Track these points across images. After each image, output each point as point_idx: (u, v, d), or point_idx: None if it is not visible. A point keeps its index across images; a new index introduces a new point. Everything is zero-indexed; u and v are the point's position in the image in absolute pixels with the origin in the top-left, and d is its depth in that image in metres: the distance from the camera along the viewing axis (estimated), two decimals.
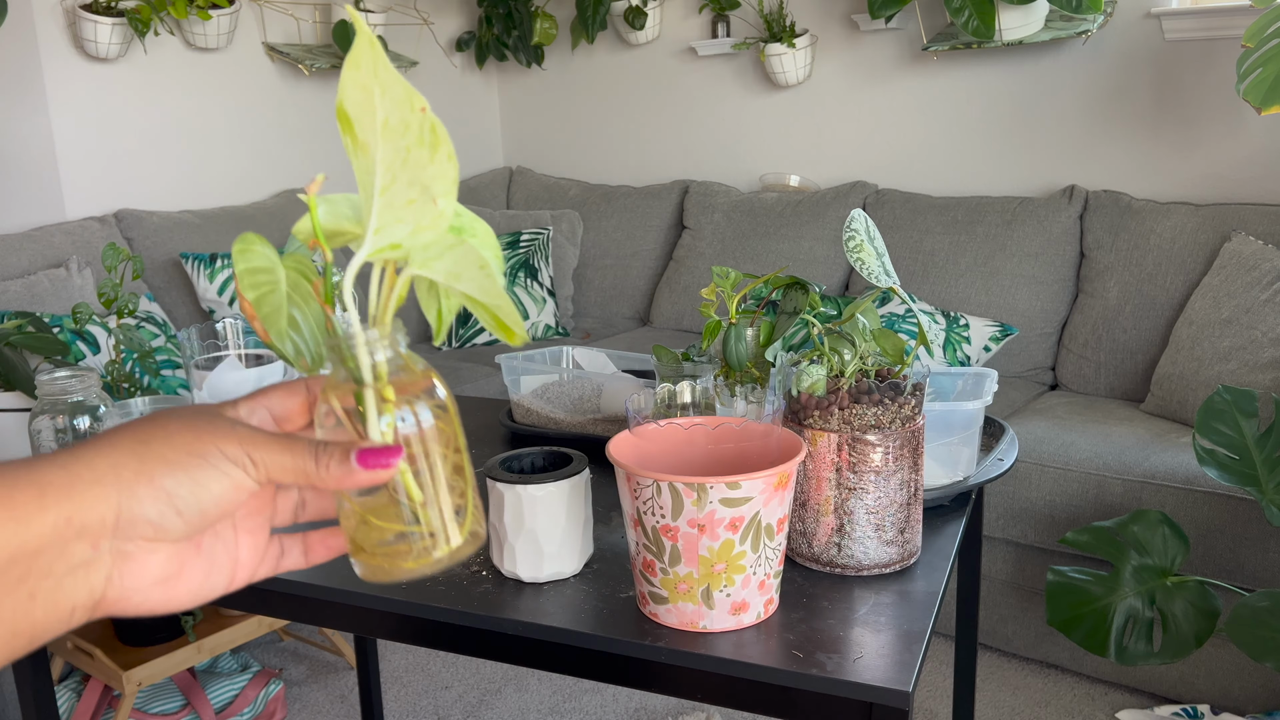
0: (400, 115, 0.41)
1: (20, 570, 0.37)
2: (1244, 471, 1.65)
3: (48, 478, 0.38)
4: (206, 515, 0.41)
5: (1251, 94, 1.91)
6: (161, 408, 0.45)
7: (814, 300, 0.98)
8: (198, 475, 0.41)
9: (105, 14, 2.61)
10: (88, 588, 0.39)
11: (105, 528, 0.39)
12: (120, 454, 0.40)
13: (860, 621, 0.84)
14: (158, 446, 0.40)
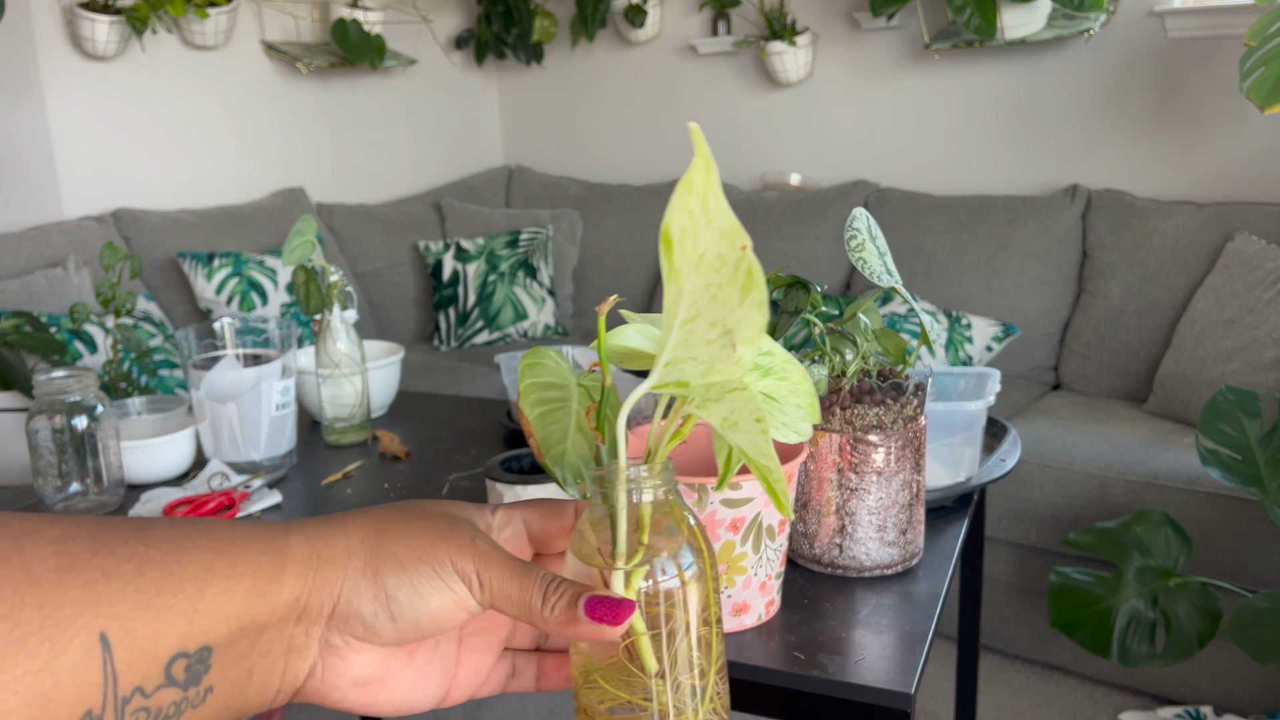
0: (719, 250, 0.37)
1: (247, 644, 0.35)
2: (1247, 472, 1.64)
3: (292, 550, 0.37)
4: (419, 627, 0.38)
5: (1254, 92, 1.91)
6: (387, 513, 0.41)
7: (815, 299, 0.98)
8: (420, 584, 0.38)
9: (103, 12, 2.60)
10: (294, 673, 0.38)
11: (322, 616, 0.37)
12: (357, 541, 0.38)
13: (862, 623, 0.83)
14: (392, 544, 0.38)
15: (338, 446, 1.35)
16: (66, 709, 0.30)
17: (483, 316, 3.17)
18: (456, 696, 0.43)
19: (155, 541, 0.33)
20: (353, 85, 3.38)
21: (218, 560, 0.34)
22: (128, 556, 0.32)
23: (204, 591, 0.34)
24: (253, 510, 1.13)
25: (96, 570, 0.31)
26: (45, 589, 0.30)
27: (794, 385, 0.45)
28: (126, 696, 0.32)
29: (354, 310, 1.34)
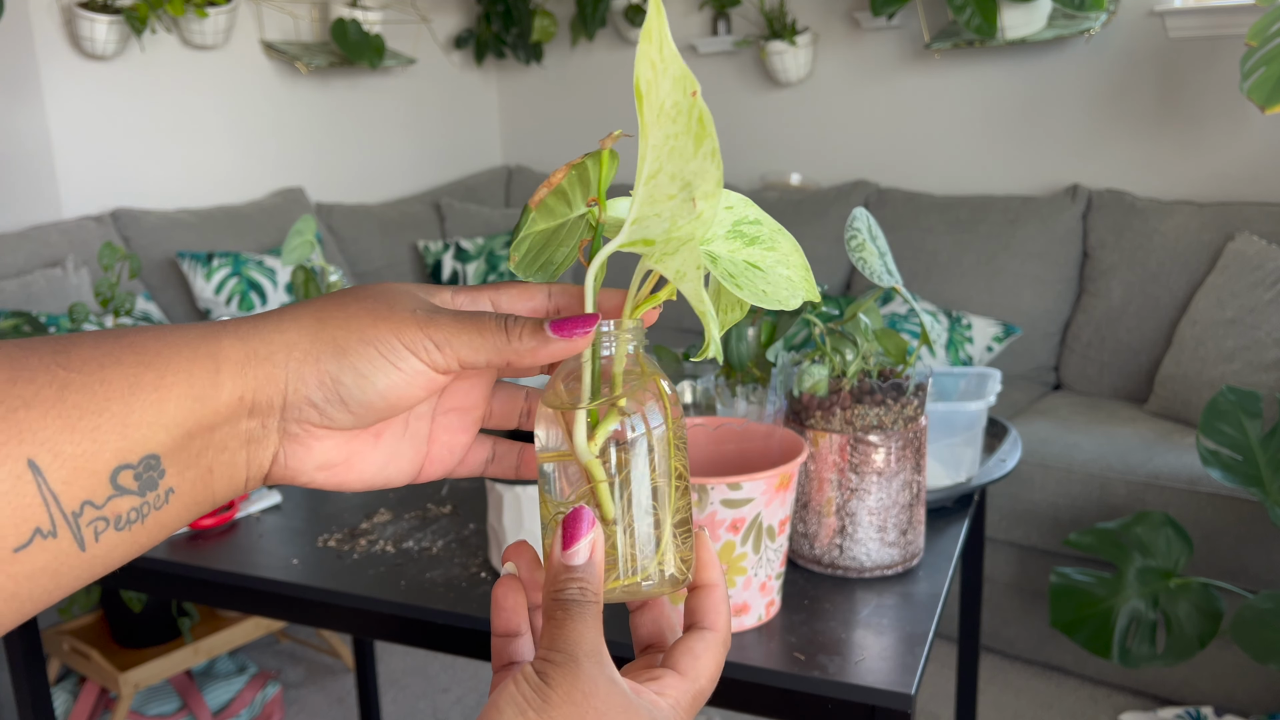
0: (675, 99, 0.37)
1: (199, 445, 0.36)
2: (1248, 472, 1.63)
3: (225, 353, 0.37)
4: (373, 408, 0.39)
5: (1255, 92, 1.90)
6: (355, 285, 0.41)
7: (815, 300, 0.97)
8: (362, 365, 0.38)
9: (102, 11, 2.60)
10: (258, 463, 0.39)
11: (273, 408, 0.38)
12: (296, 332, 0.38)
13: (862, 624, 0.83)
14: (332, 329, 0.38)
15: None
16: (11, 529, 0.31)
17: None
18: (430, 473, 0.44)
19: (76, 364, 0.33)
20: (352, 85, 3.38)
21: (144, 373, 0.34)
22: (48, 382, 0.32)
23: (131, 406, 0.34)
24: (252, 510, 1.13)
25: (16, 400, 0.32)
26: None
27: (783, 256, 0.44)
28: (76, 510, 0.32)
29: None
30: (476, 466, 0.46)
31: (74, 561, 0.33)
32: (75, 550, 0.33)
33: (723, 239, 0.43)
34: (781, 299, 0.43)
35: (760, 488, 0.77)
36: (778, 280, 0.43)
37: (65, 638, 1.98)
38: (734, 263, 0.43)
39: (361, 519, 1.10)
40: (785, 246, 0.44)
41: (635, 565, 0.42)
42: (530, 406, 0.46)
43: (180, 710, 2.02)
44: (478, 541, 1.02)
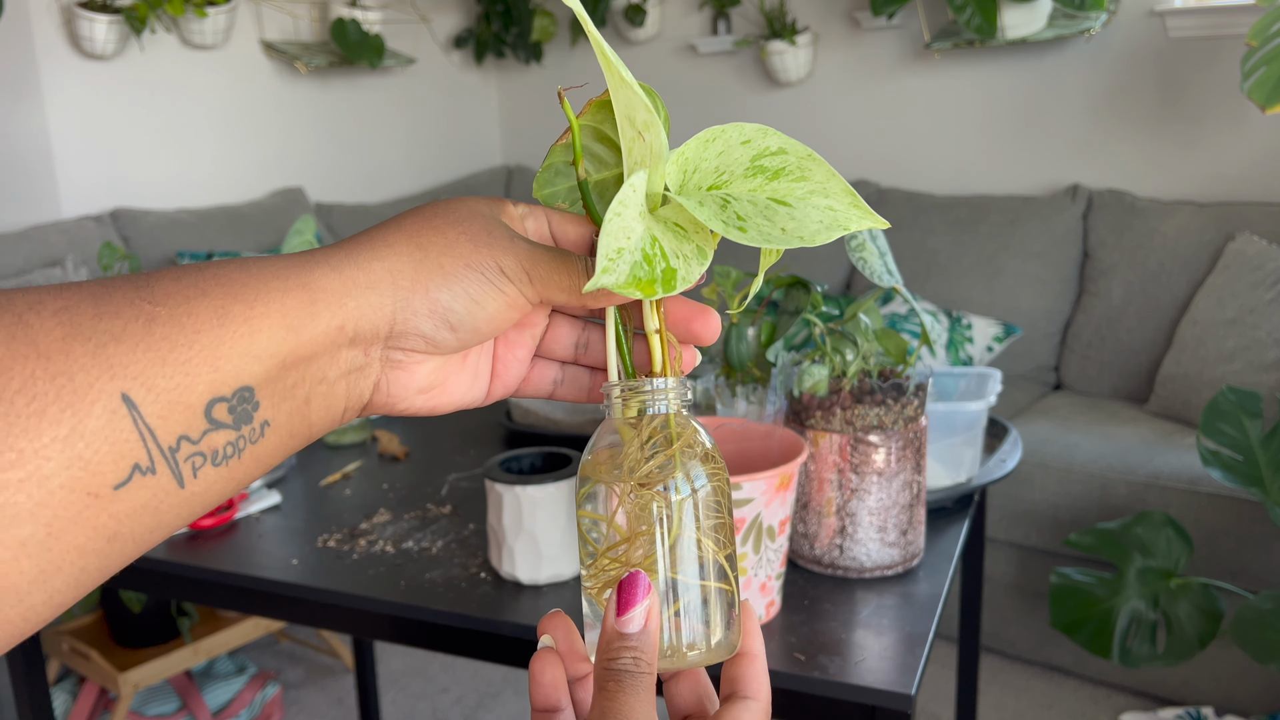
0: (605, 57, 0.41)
1: (296, 376, 0.36)
2: (1249, 473, 1.63)
3: (320, 282, 0.36)
4: (479, 332, 0.40)
5: (1256, 92, 1.90)
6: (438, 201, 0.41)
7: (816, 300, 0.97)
8: (475, 292, 0.38)
9: (102, 11, 2.59)
10: (358, 392, 0.38)
11: (378, 336, 0.38)
12: (397, 260, 0.38)
13: (862, 624, 0.83)
14: (435, 255, 0.38)
15: (336, 447, 1.35)
16: (110, 466, 0.30)
17: None
18: (497, 392, 0.45)
19: (161, 298, 0.33)
20: (352, 85, 3.38)
21: (232, 305, 0.34)
22: (133, 317, 0.32)
23: (221, 338, 0.33)
24: (251, 511, 1.13)
25: (104, 335, 0.31)
26: (54, 360, 0.30)
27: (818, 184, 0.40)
28: (173, 445, 0.32)
29: None
30: (544, 386, 0.46)
31: (174, 499, 0.32)
32: (175, 487, 0.32)
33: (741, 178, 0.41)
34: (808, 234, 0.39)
35: (760, 488, 0.77)
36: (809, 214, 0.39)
37: (65, 638, 1.98)
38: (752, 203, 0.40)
39: (361, 519, 1.09)
40: (819, 174, 0.40)
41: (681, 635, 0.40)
42: (587, 338, 0.46)
43: (180, 710, 2.02)
44: (477, 542, 1.02)
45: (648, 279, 0.38)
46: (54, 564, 0.30)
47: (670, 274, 0.38)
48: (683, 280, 0.38)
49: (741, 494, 0.76)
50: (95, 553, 0.31)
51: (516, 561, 0.90)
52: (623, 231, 0.38)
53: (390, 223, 0.40)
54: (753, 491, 0.76)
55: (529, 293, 0.40)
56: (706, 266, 0.40)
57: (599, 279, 0.36)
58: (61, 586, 0.30)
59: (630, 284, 0.37)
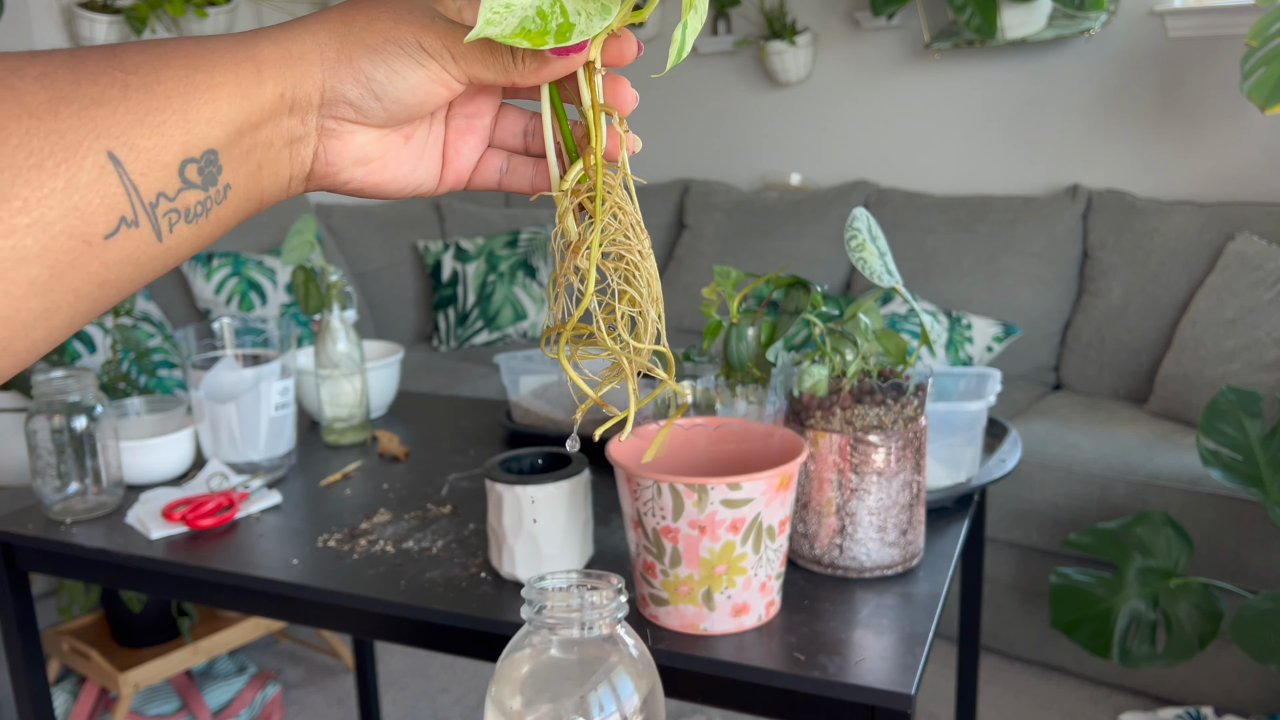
0: None
1: (247, 142, 0.39)
2: (1248, 473, 1.63)
3: (264, 54, 0.39)
4: (404, 104, 0.42)
5: (1256, 93, 1.90)
6: None
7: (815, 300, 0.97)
8: (394, 63, 0.41)
9: (102, 12, 2.60)
10: (300, 160, 0.42)
11: (311, 104, 0.41)
12: (324, 34, 0.41)
13: (862, 624, 0.83)
14: (358, 30, 0.41)
15: (337, 447, 1.35)
16: (101, 216, 0.34)
17: (482, 316, 3.17)
18: (450, 180, 0.48)
19: (131, 66, 0.36)
20: None
21: (194, 74, 0.37)
22: (109, 84, 0.35)
23: (190, 103, 0.36)
24: (252, 510, 1.13)
25: (85, 99, 0.34)
26: (44, 120, 0.33)
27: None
28: (152, 201, 0.35)
29: (353, 310, 1.34)
30: (490, 176, 0.49)
31: (153, 251, 0.36)
32: (154, 240, 0.36)
33: None
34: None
35: (760, 488, 0.77)
36: None
37: (65, 638, 1.98)
38: None
39: (361, 519, 1.10)
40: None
41: None
42: (534, 126, 0.49)
43: (180, 710, 2.03)
44: (477, 542, 1.02)
45: (538, 31, 0.40)
46: (55, 304, 0.33)
47: (566, 27, 0.40)
48: (579, 33, 0.40)
49: (741, 494, 0.76)
50: (88, 296, 0.34)
51: (517, 561, 0.90)
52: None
53: (328, 9, 0.43)
54: (753, 491, 0.77)
55: (453, 70, 0.42)
56: (609, 22, 0.42)
57: (480, 29, 0.38)
58: (60, 324, 0.34)
59: (517, 34, 0.39)
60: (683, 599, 0.80)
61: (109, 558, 1.06)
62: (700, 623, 0.80)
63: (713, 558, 0.78)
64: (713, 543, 0.77)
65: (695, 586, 0.79)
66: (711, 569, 0.78)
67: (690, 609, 0.80)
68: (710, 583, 0.79)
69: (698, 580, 0.79)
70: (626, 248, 0.47)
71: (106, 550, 1.06)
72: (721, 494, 0.76)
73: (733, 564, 0.78)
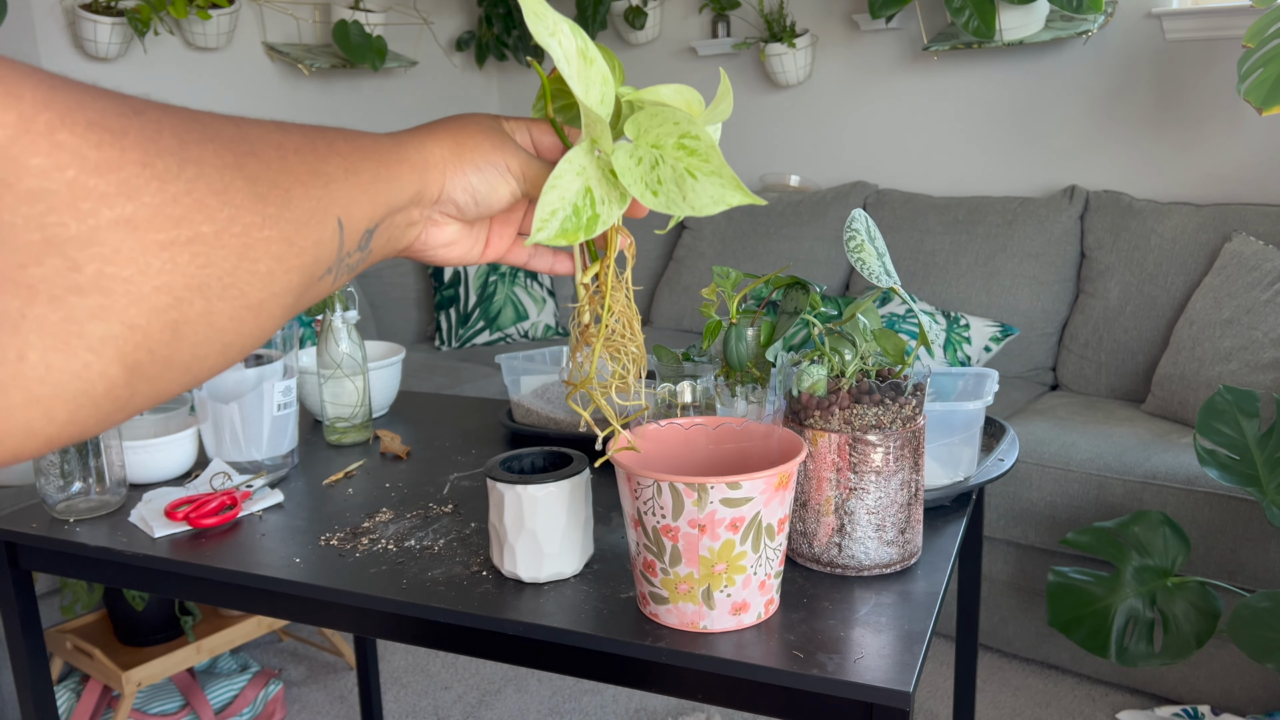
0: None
1: (389, 220, 0.50)
2: (1245, 472, 1.64)
3: (408, 156, 0.51)
4: (490, 208, 0.57)
5: (1252, 94, 1.91)
6: None
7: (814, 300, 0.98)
8: (492, 179, 0.56)
9: (105, 14, 2.60)
10: (410, 237, 0.55)
11: (431, 201, 0.54)
12: (447, 149, 0.54)
13: (861, 622, 0.84)
14: (469, 151, 0.55)
15: (339, 446, 1.36)
16: (322, 266, 0.43)
17: (483, 317, 3.18)
18: (489, 256, 0.63)
19: (343, 155, 0.45)
20: (354, 87, 3.39)
21: (380, 168, 0.48)
22: (338, 166, 0.44)
23: (379, 189, 0.48)
24: (255, 509, 1.13)
25: (326, 176, 0.43)
26: (313, 188, 0.42)
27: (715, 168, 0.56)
28: (343, 257, 0.45)
29: (355, 310, 1.35)
30: (520, 256, 0.65)
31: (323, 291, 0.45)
32: (331, 285, 0.45)
33: (671, 147, 0.56)
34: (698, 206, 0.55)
35: (759, 487, 0.78)
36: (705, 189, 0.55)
37: (68, 636, 1.99)
38: (674, 168, 0.56)
39: (363, 518, 1.10)
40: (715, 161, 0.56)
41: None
42: None
43: (183, 709, 2.03)
44: (479, 540, 1.03)
45: (574, 229, 0.55)
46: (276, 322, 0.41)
47: (594, 220, 0.55)
48: (603, 223, 0.55)
49: (741, 493, 0.77)
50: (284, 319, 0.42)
51: (518, 560, 0.91)
52: (558, 197, 0.54)
53: (434, 125, 0.55)
54: (752, 490, 0.77)
55: (522, 189, 0.58)
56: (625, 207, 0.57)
57: (535, 236, 0.54)
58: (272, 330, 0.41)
59: (559, 236, 0.54)
60: (682, 597, 0.80)
61: (112, 556, 1.07)
62: (700, 621, 0.81)
63: (712, 556, 0.78)
64: (712, 541, 0.78)
65: (695, 585, 0.80)
66: (711, 567, 0.79)
67: (690, 607, 0.81)
68: (710, 581, 0.79)
69: (697, 579, 0.79)
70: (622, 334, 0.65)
71: (109, 549, 1.07)
72: (721, 493, 0.77)
73: (732, 563, 0.79)
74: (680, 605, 0.81)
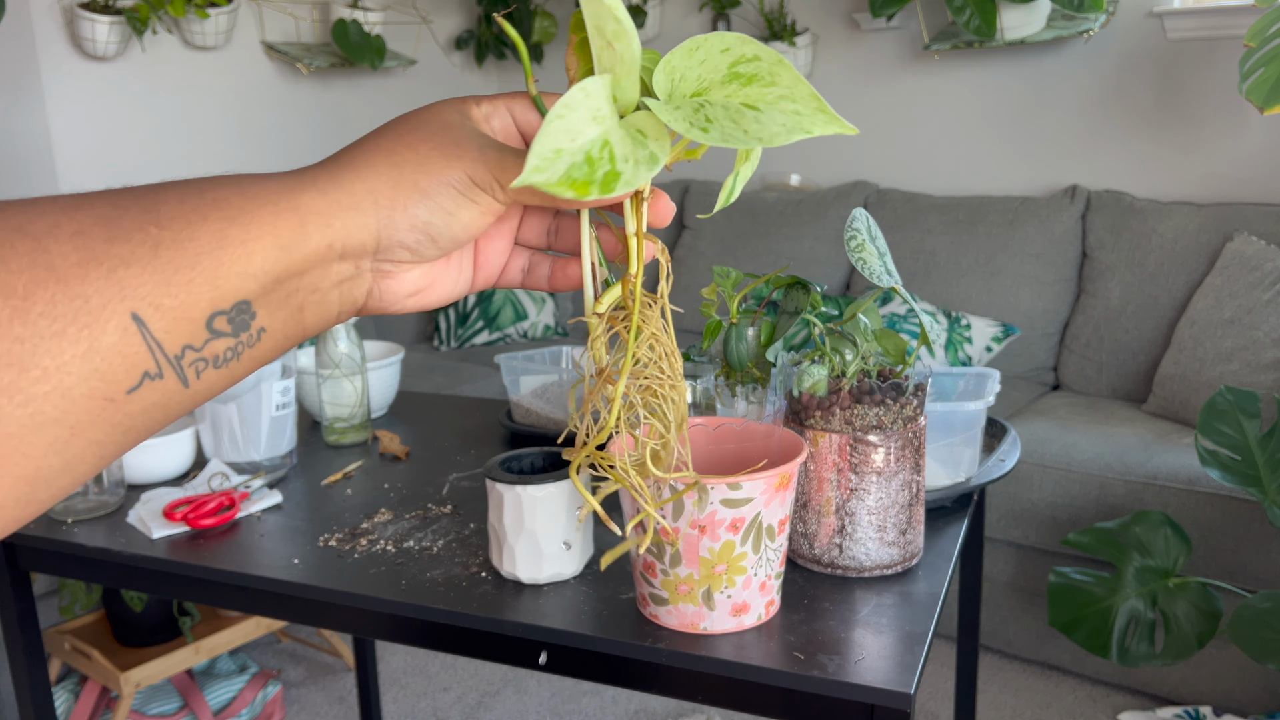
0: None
1: (288, 289, 0.39)
2: (1246, 472, 1.64)
3: (308, 204, 0.39)
4: (458, 240, 0.43)
5: (1254, 94, 1.91)
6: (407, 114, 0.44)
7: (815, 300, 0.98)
8: (448, 204, 0.41)
9: (103, 12, 2.60)
10: (351, 299, 0.42)
11: (366, 251, 0.41)
12: (376, 179, 0.41)
13: (862, 623, 0.84)
14: (410, 173, 0.41)
15: (338, 446, 1.35)
16: (123, 375, 0.34)
17: (482, 317, 3.17)
18: (480, 282, 0.49)
19: (165, 221, 0.36)
20: (353, 86, 3.38)
21: (230, 229, 0.37)
22: (141, 241, 0.35)
23: (221, 259, 0.36)
24: (253, 510, 1.13)
25: (115, 259, 0.34)
26: (72, 284, 0.33)
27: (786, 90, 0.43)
28: (177, 354, 0.36)
29: None
30: (514, 276, 0.50)
31: (179, 397, 0.36)
32: (179, 387, 0.36)
33: (720, 85, 0.43)
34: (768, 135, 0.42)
35: (760, 487, 0.77)
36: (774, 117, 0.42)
37: (66, 637, 1.98)
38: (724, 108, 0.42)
39: (362, 518, 1.10)
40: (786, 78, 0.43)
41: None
42: (556, 225, 0.49)
43: (181, 709, 2.03)
44: (478, 541, 1.02)
45: (584, 180, 0.39)
46: (78, 456, 0.34)
47: (613, 176, 0.39)
48: (625, 184, 0.39)
49: (741, 493, 0.77)
50: (112, 443, 0.35)
51: (517, 561, 0.91)
52: (565, 133, 0.39)
53: (369, 139, 0.43)
54: (752, 491, 0.77)
55: (501, 197, 0.42)
56: (656, 171, 0.41)
57: (527, 175, 0.37)
58: (84, 471, 0.35)
59: (563, 183, 0.38)
60: (683, 598, 0.80)
61: (110, 557, 1.06)
62: (700, 622, 0.81)
63: (712, 557, 0.78)
64: (712, 542, 0.78)
65: (695, 586, 0.79)
66: (711, 568, 0.79)
67: (690, 608, 0.80)
68: (710, 582, 0.79)
69: (697, 580, 0.79)
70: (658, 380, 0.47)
71: (108, 550, 1.06)
72: (721, 494, 0.76)
73: (732, 563, 0.79)
74: (680, 606, 0.80)
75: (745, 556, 0.79)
